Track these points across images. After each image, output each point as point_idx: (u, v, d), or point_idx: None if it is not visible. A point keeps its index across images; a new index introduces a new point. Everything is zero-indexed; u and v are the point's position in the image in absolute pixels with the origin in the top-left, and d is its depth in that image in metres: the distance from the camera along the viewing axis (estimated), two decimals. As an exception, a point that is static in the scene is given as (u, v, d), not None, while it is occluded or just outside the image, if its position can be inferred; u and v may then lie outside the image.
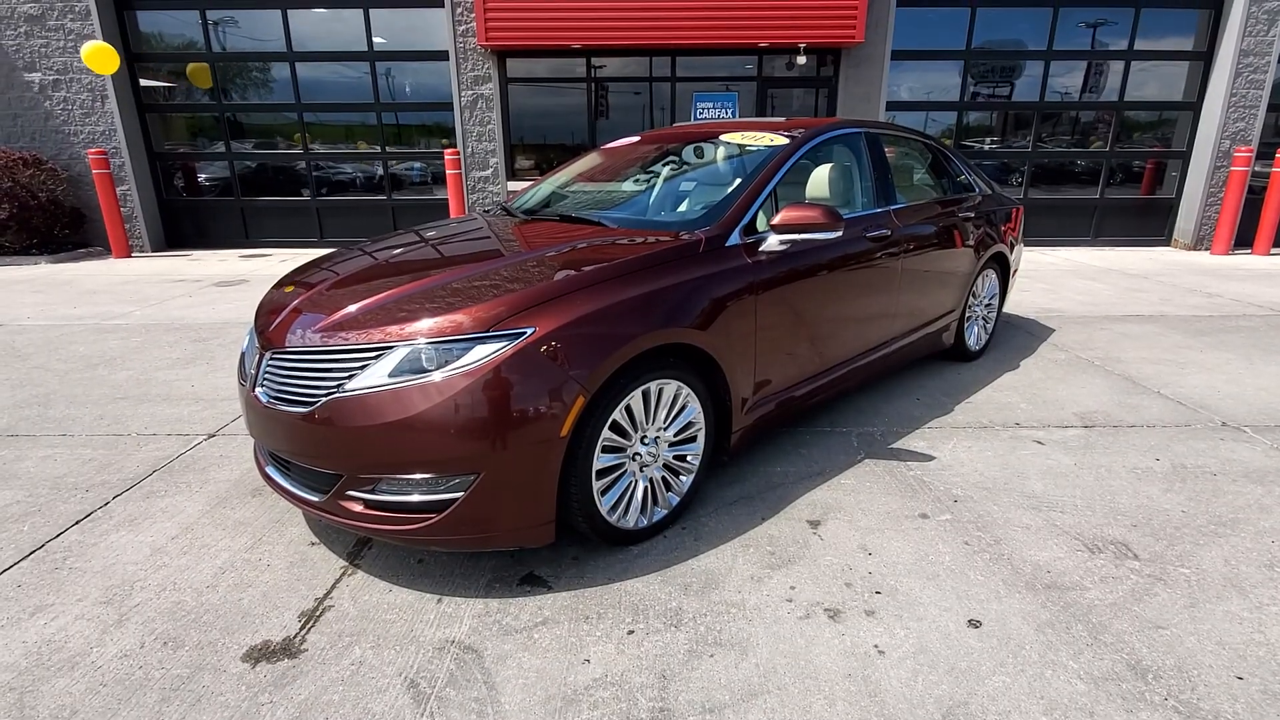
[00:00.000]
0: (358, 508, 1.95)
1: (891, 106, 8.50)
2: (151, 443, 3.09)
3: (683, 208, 2.90)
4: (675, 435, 2.31)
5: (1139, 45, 8.50)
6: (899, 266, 3.23)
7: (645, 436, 2.20)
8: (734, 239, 2.48)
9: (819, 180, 2.95)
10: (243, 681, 1.68)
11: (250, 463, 2.88)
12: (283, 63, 8.52)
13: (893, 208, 3.31)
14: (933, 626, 1.87)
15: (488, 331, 1.89)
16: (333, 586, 2.07)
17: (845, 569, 2.13)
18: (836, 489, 2.63)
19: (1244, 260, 8.12)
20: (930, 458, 2.90)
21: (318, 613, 1.95)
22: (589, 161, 3.64)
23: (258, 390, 2.11)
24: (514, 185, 8.66)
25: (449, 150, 7.90)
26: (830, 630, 1.86)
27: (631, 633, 1.85)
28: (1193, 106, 8.69)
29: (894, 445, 3.04)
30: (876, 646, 1.79)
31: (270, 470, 2.25)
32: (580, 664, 1.74)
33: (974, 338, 4.20)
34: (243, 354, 2.43)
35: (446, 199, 8.77)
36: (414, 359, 1.87)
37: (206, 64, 8.57)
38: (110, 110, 8.29)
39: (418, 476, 1.88)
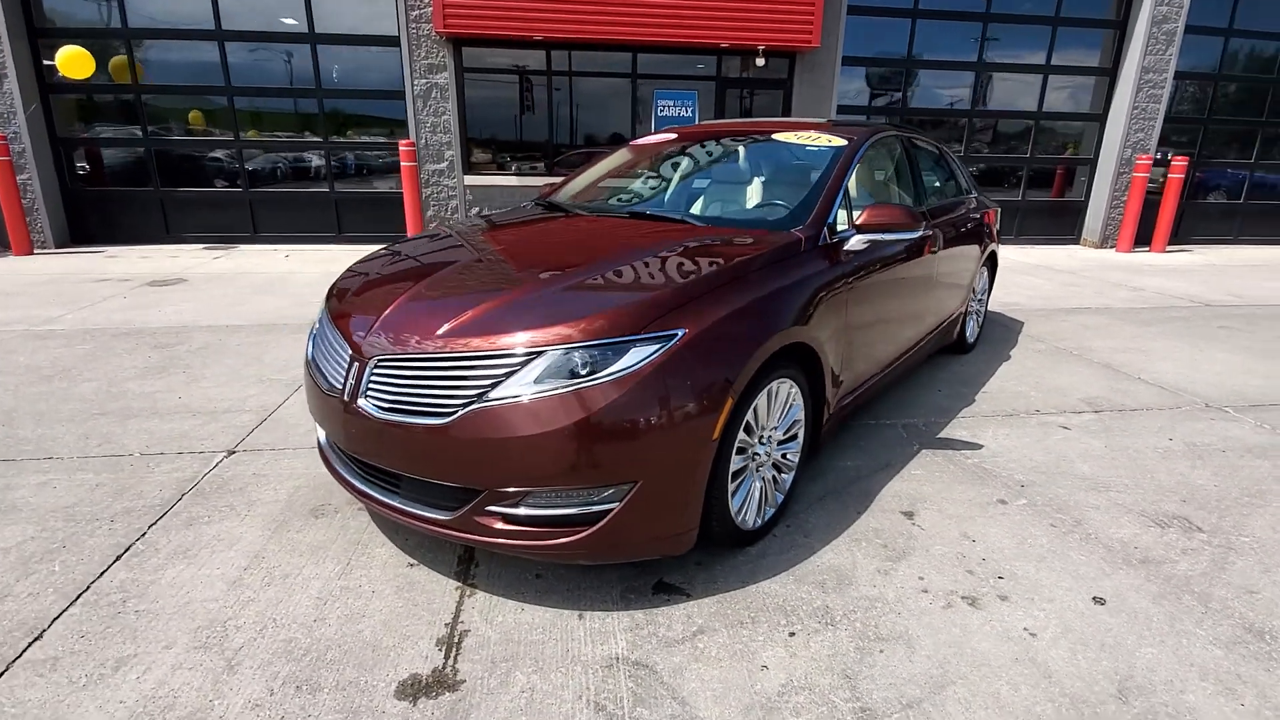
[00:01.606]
0: (498, 524, 1.82)
1: (842, 110, 8.85)
2: (163, 463, 2.74)
3: (756, 206, 2.89)
4: (784, 434, 2.31)
5: (1055, 61, 9.29)
6: (936, 265, 3.38)
7: (763, 436, 2.19)
8: (823, 238, 2.51)
9: (869, 180, 3.03)
10: (412, 721, 1.53)
11: (300, 480, 2.62)
12: (210, 42, 7.77)
13: (924, 208, 3.46)
14: (1065, 606, 1.97)
15: (642, 333, 1.81)
16: (458, 609, 1.92)
17: (960, 557, 2.21)
18: (910, 480, 2.72)
19: (1147, 257, 9.07)
20: (978, 445, 3.06)
21: (455, 639, 1.80)
22: (622, 157, 3.56)
23: (361, 401, 1.93)
24: (472, 180, 8.34)
25: (404, 142, 7.48)
26: (977, 618, 1.92)
27: (793, 634, 1.84)
28: (1099, 118, 9.60)
29: (940, 435, 3.17)
30: (1026, 629, 1.87)
31: (366, 487, 2.05)
32: (759, 670, 1.71)
33: (970, 331, 4.45)
34: (311, 360, 2.21)
35: (394, 191, 8.32)
36: (566, 364, 1.77)
37: (125, 58, 7.69)
38: (9, 91, 7.27)
39: (572, 489, 1.77)
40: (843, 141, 2.94)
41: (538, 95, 8.35)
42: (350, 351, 2.01)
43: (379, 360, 1.92)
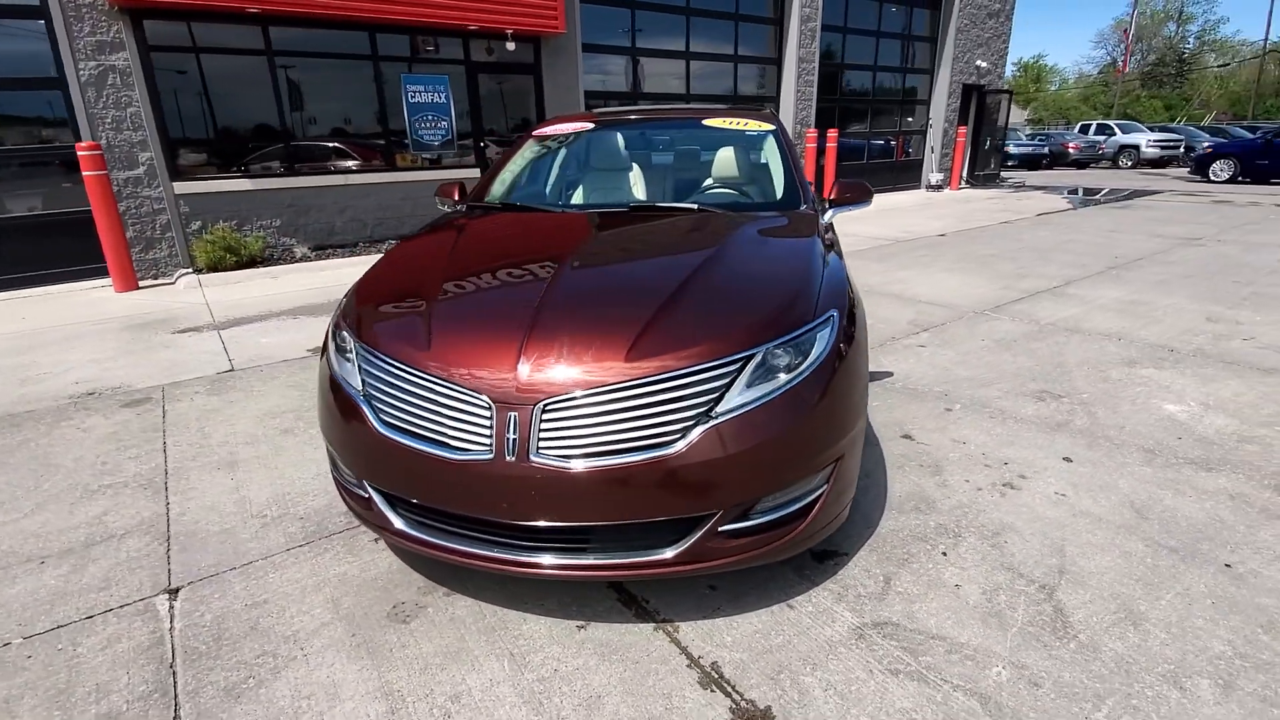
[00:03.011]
0: (730, 543, 1.74)
1: (588, 96, 9.19)
2: (81, 641, 1.84)
3: (750, 188, 3.01)
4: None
5: (741, 51, 10.96)
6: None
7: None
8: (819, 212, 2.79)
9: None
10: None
11: (325, 588, 2.01)
12: None
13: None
14: (1058, 470, 2.64)
15: (816, 319, 1.88)
16: (683, 649, 1.78)
17: (970, 457, 2.76)
18: (880, 410, 3.23)
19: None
20: (890, 373, 3.74)
21: (715, 675, 1.70)
22: (535, 150, 3.34)
23: (538, 457, 1.62)
24: (185, 187, 6.59)
25: (83, 145, 5.54)
26: (1025, 496, 2.47)
27: (945, 554, 2.15)
28: (774, 100, 11.65)
29: (856, 372, 3.79)
30: (1057, 493, 2.48)
31: (527, 556, 1.73)
32: (955, 589, 1.98)
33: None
34: (386, 434, 1.75)
35: (70, 213, 6.17)
36: (773, 362, 1.75)
37: None
38: None
39: (797, 483, 1.78)
40: (771, 125, 3.24)
41: (261, 80, 6.91)
42: (488, 400, 1.66)
43: (550, 403, 1.64)
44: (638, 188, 3.07)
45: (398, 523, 1.86)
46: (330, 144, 7.50)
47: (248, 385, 3.77)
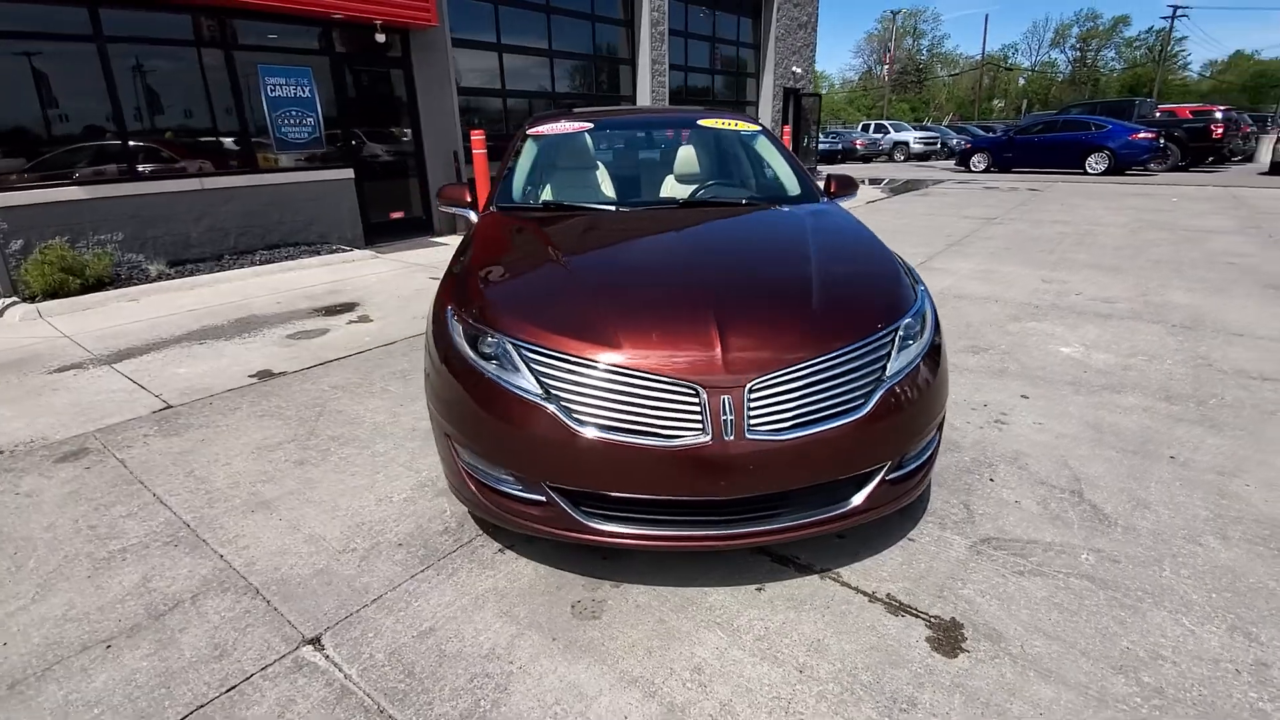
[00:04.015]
0: (890, 489, 2.00)
1: (462, 92, 8.84)
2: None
3: (774, 183, 3.26)
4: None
5: (599, 51, 11.18)
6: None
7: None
8: (823, 203, 3.14)
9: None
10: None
11: (488, 598, 1.95)
12: None
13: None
14: (1017, 401, 3.27)
15: (919, 294, 2.21)
16: (871, 594, 2.03)
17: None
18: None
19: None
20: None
21: (961, 628, 1.97)
22: (536, 150, 3.32)
23: (752, 434, 1.76)
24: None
25: None
26: (1015, 428, 3.04)
27: (992, 480, 2.61)
28: (631, 99, 12.06)
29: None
30: (1035, 423, 3.09)
31: (728, 529, 1.86)
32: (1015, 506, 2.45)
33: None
34: (601, 437, 1.78)
35: None
36: (906, 333, 2.04)
37: None
38: None
39: (927, 435, 2.09)
40: (758, 126, 3.54)
41: (92, 72, 5.75)
42: (697, 387, 1.77)
43: (756, 383, 1.79)
44: (671, 184, 3.21)
45: (588, 521, 1.88)
46: (179, 143, 6.48)
47: (207, 421, 3.29)
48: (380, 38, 7.44)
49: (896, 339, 2.00)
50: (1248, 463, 2.69)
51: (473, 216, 3.12)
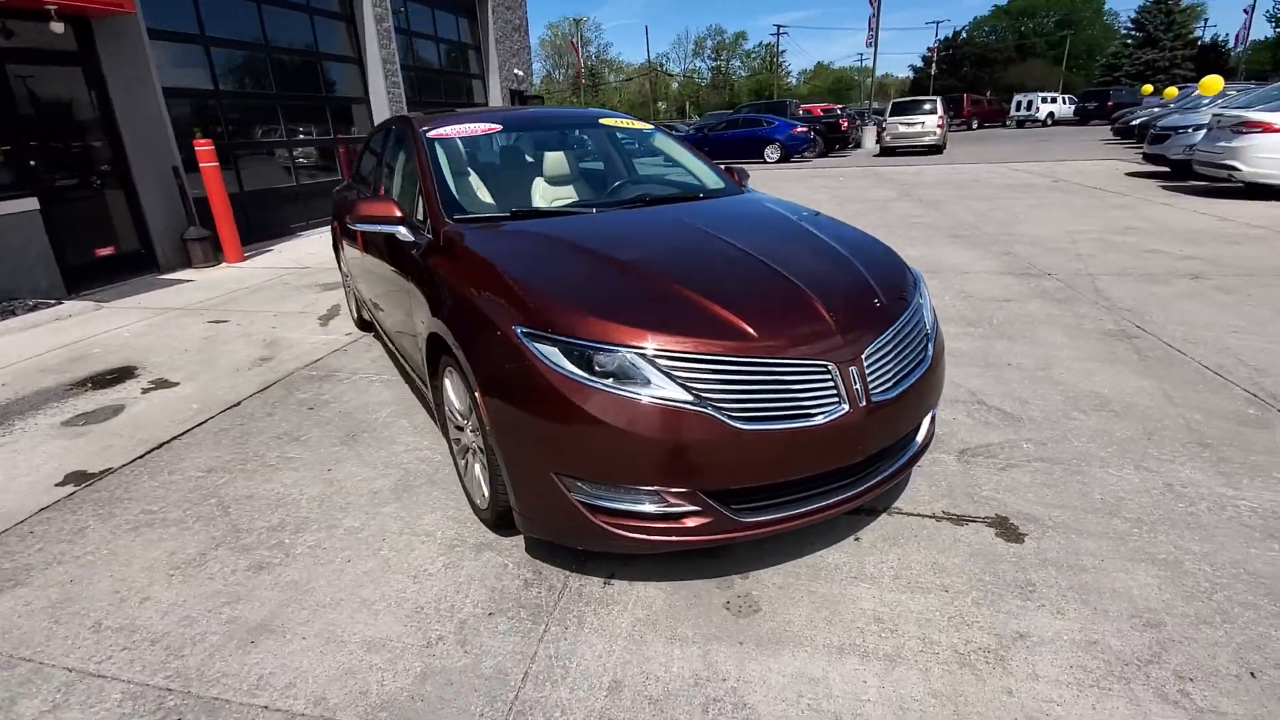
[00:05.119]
0: (928, 432, 2.35)
1: (168, 93, 7.07)
2: None
3: (696, 176, 3.37)
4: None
5: (322, 48, 9.91)
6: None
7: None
8: (736, 194, 3.41)
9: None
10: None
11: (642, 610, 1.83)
12: None
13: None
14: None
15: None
16: (925, 516, 2.37)
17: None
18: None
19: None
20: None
21: (1007, 520, 2.36)
22: (454, 159, 2.99)
23: (877, 396, 1.96)
24: None
25: None
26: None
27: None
28: (364, 101, 10.96)
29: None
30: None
31: (849, 492, 2.03)
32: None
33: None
34: (769, 429, 1.80)
35: None
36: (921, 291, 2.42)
37: None
38: None
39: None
40: (649, 125, 3.65)
41: None
42: (827, 363, 1.90)
43: (869, 351, 1.98)
44: (616, 183, 3.13)
45: (740, 518, 1.89)
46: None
47: (54, 556, 2.33)
48: (58, 28, 5.62)
49: (927, 298, 2.37)
50: (1051, 360, 3.72)
51: (402, 233, 2.69)
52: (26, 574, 2.25)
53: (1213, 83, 12.15)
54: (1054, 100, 37.00)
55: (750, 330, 1.88)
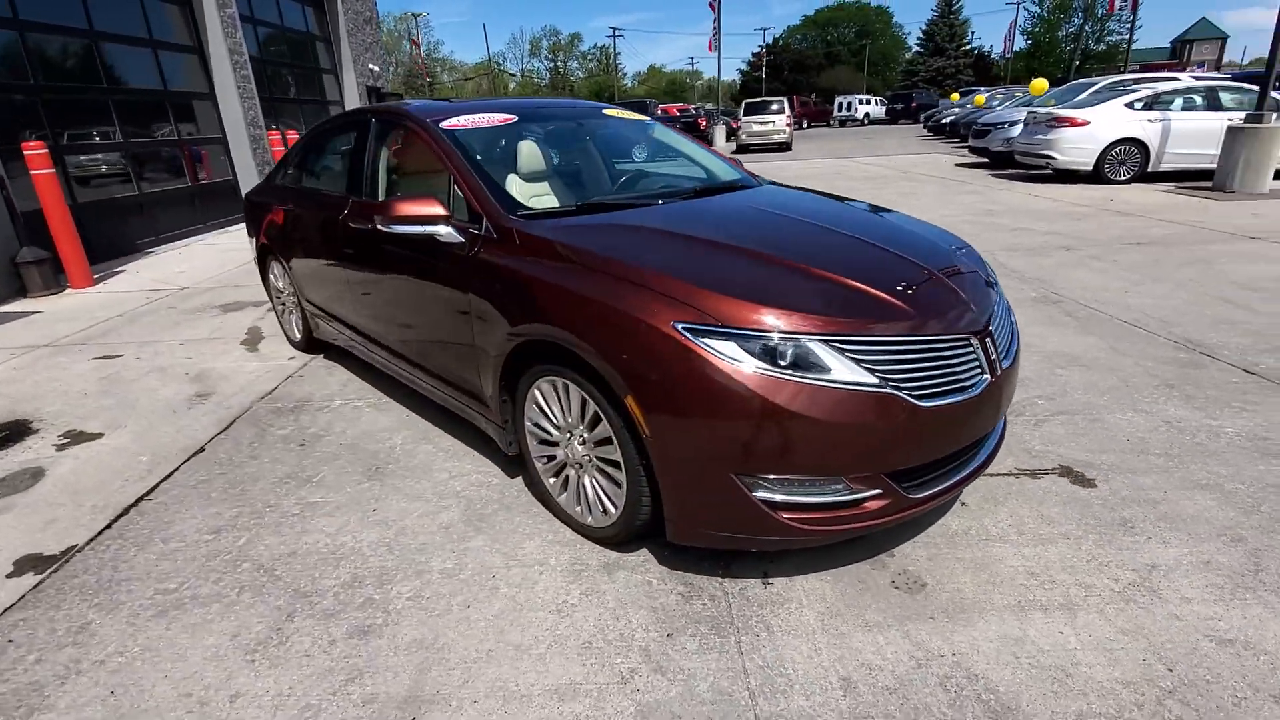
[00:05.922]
0: None
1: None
2: None
3: (709, 165, 3.32)
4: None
5: (156, 35, 8.48)
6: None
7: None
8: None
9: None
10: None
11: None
12: None
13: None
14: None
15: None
16: (1006, 475, 2.54)
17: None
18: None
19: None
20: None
21: (1072, 469, 2.56)
22: (468, 147, 2.70)
23: (1005, 365, 2.08)
24: None
25: None
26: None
27: (940, 377, 3.45)
28: (210, 96, 9.57)
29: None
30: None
31: (977, 463, 2.14)
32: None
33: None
34: (933, 405, 1.84)
35: None
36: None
37: None
38: None
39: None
40: (645, 115, 3.55)
41: None
42: (967, 338, 1.97)
43: (993, 324, 2.09)
44: (653, 176, 2.99)
45: (911, 494, 1.91)
46: None
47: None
48: None
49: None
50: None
51: (444, 234, 2.38)
52: (39, 697, 1.72)
53: (1040, 84, 14.21)
54: (869, 102, 41.37)
55: (909, 310, 1.91)
